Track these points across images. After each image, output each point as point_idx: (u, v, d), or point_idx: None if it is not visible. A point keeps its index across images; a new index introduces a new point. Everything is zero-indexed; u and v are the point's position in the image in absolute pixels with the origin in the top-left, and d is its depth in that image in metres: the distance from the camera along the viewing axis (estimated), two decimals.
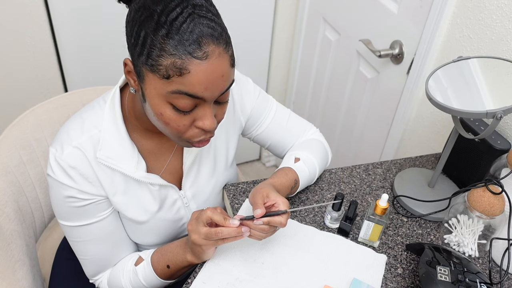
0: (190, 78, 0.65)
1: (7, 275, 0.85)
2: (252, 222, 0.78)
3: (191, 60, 0.64)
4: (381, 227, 0.89)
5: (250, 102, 0.98)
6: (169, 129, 0.72)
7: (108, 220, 0.87)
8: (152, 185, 0.87)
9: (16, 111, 1.18)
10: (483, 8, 1.05)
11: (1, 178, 0.95)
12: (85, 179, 0.81)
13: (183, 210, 0.94)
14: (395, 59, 1.36)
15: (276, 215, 0.78)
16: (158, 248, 0.91)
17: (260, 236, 0.80)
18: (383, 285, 0.87)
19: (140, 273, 0.88)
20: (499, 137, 1.00)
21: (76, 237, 0.87)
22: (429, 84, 0.91)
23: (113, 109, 0.82)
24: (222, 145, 0.97)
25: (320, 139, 1.08)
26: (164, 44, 0.64)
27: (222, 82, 0.69)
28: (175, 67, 0.64)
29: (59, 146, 0.80)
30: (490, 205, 0.85)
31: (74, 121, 0.82)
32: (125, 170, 0.82)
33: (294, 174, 0.95)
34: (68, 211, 0.83)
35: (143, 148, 0.86)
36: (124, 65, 0.72)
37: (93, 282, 0.95)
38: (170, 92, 0.67)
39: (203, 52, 0.64)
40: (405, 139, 1.41)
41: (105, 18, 1.56)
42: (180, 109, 0.69)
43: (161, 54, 0.64)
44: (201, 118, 0.71)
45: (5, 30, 1.47)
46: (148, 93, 0.70)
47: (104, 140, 0.80)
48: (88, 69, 1.66)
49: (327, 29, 1.71)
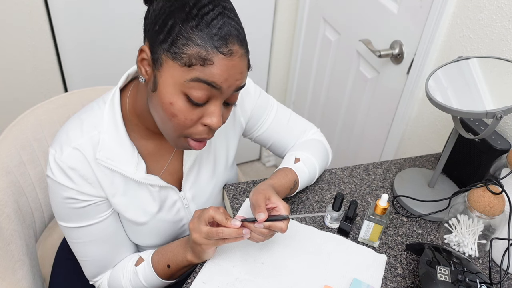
0: (212, 69, 0.67)
1: (7, 275, 0.85)
2: (253, 224, 0.78)
3: (216, 54, 0.67)
4: (381, 227, 0.89)
5: (250, 103, 0.98)
6: (174, 122, 0.72)
7: (108, 222, 0.87)
8: (152, 186, 0.87)
9: (16, 111, 1.18)
10: (483, 8, 1.05)
11: (1, 178, 0.95)
12: (85, 180, 0.80)
13: (183, 211, 0.94)
14: (395, 59, 1.36)
15: (277, 220, 0.78)
16: (158, 248, 0.91)
17: (259, 239, 0.80)
18: (383, 285, 0.87)
19: (141, 273, 0.88)
20: (499, 137, 1.00)
21: (75, 238, 0.87)
22: (429, 84, 0.91)
23: (113, 109, 0.81)
24: (222, 147, 0.97)
25: (321, 139, 1.08)
26: (192, 35, 0.66)
27: (240, 79, 0.71)
28: (199, 57, 0.67)
29: (59, 147, 0.79)
30: (490, 205, 0.85)
31: (74, 122, 0.82)
32: (125, 171, 0.82)
33: (293, 175, 0.95)
34: (67, 212, 0.83)
35: (142, 149, 0.86)
36: (140, 52, 0.72)
37: (93, 283, 0.95)
38: (188, 80, 0.68)
39: (229, 49, 0.67)
40: (405, 139, 1.41)
41: (105, 18, 1.56)
42: (193, 100, 0.70)
43: (187, 43, 0.66)
44: (210, 115, 0.72)
45: (5, 30, 1.47)
46: (163, 81, 0.70)
47: (103, 141, 0.80)
48: (88, 69, 1.66)
49: (327, 29, 1.71)
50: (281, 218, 0.78)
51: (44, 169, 1.07)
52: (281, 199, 0.81)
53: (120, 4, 1.55)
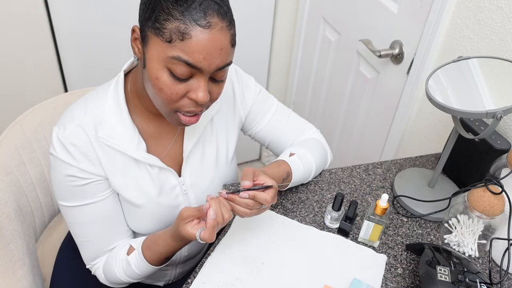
0: (190, 44, 0.68)
1: (7, 275, 0.85)
2: (238, 196, 0.79)
3: (194, 27, 0.67)
4: (381, 227, 0.89)
5: (250, 98, 1.00)
6: (162, 96, 0.73)
7: (107, 202, 0.88)
8: (151, 167, 0.88)
9: (16, 111, 1.18)
10: (483, 8, 1.05)
11: (1, 178, 0.95)
12: (85, 157, 0.82)
13: (181, 197, 0.95)
14: (395, 59, 1.36)
15: (262, 188, 0.79)
16: (148, 236, 0.91)
17: (245, 212, 0.80)
18: (383, 285, 0.87)
19: (133, 263, 0.89)
20: (499, 137, 1.00)
21: (75, 217, 0.88)
22: (429, 84, 0.91)
23: (117, 91, 0.84)
24: (223, 137, 0.98)
25: (320, 139, 1.08)
26: (172, 9, 0.68)
27: (220, 56, 0.71)
28: (178, 31, 0.68)
29: (62, 125, 0.82)
30: (490, 205, 0.85)
31: (79, 103, 0.85)
32: (126, 149, 0.84)
33: (287, 166, 0.95)
34: (68, 191, 0.84)
35: (144, 131, 0.87)
36: (132, 32, 0.75)
37: (90, 267, 0.95)
38: (170, 57, 0.69)
39: (207, 21, 0.68)
40: (405, 139, 1.41)
41: (105, 18, 1.56)
42: (176, 76, 0.71)
43: (167, 18, 0.68)
44: (195, 90, 0.73)
45: (5, 30, 1.47)
46: (149, 57, 0.72)
47: (106, 121, 0.82)
48: (88, 69, 1.66)
49: (327, 29, 1.71)
50: (265, 187, 0.79)
51: (45, 169, 1.07)
52: (269, 177, 0.82)
53: (120, 4, 1.55)
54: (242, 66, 1.02)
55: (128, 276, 0.90)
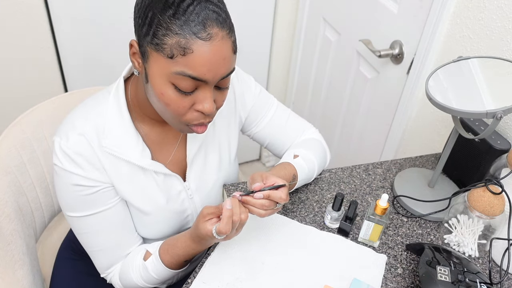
0: (193, 58, 0.67)
1: (7, 275, 0.85)
2: (252, 197, 0.78)
3: (195, 40, 0.66)
4: (381, 227, 0.89)
5: (250, 98, 1.00)
6: (169, 111, 0.73)
7: (117, 209, 0.87)
8: (157, 174, 0.87)
9: (16, 111, 1.18)
10: (483, 8, 1.05)
11: (1, 178, 0.95)
12: (92, 165, 0.81)
13: (187, 202, 0.94)
14: (395, 59, 1.36)
15: (274, 188, 0.78)
16: (165, 240, 0.90)
17: (260, 213, 0.79)
18: (383, 285, 0.87)
19: (150, 268, 0.88)
20: (499, 137, 1.00)
21: (85, 228, 0.86)
22: (429, 84, 0.91)
23: (118, 98, 0.82)
24: (225, 139, 0.98)
25: (319, 139, 1.08)
26: (170, 24, 0.66)
27: (224, 66, 0.71)
28: (179, 46, 0.66)
29: (64, 135, 0.80)
30: (490, 205, 0.85)
31: (78, 111, 0.83)
32: (130, 158, 0.83)
33: (292, 168, 0.95)
34: (76, 201, 0.83)
35: (147, 138, 0.87)
36: (130, 46, 0.74)
37: (105, 276, 0.94)
38: (173, 72, 0.69)
39: (207, 33, 0.67)
40: (405, 139, 1.41)
41: (105, 18, 1.56)
42: (181, 90, 0.70)
43: (166, 33, 0.66)
44: (201, 101, 0.73)
45: (5, 30, 1.47)
46: (152, 73, 0.71)
47: (108, 129, 0.81)
48: (88, 69, 1.66)
49: (327, 29, 1.71)
50: (277, 186, 0.79)
51: (45, 169, 1.07)
52: (278, 177, 0.81)
53: (120, 4, 1.55)
54: (242, 66, 1.02)
55: (145, 282, 0.89)
